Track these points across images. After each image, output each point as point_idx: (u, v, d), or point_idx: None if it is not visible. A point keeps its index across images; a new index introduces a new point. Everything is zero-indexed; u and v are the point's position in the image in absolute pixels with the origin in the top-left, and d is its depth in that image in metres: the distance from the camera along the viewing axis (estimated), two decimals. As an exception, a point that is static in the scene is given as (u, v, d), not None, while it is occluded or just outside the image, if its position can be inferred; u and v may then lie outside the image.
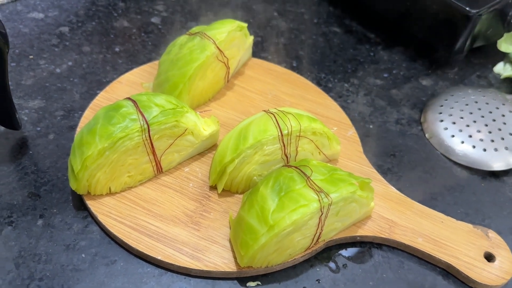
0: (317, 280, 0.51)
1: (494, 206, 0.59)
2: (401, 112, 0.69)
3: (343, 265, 0.52)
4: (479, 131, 0.64)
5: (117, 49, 0.72)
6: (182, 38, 0.62)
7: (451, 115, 0.66)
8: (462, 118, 0.65)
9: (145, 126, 0.51)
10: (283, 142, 0.53)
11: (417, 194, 0.59)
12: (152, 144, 0.52)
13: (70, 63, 0.69)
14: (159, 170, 0.55)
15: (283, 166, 0.53)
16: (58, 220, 0.52)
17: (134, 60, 0.71)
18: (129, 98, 0.53)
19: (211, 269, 0.49)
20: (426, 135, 0.66)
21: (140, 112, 0.51)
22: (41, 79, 0.66)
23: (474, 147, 0.63)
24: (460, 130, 0.64)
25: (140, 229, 0.51)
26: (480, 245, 0.53)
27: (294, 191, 0.47)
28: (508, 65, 0.75)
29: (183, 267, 0.49)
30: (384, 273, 0.52)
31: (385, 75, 0.74)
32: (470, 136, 0.63)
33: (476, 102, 0.67)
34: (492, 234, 0.54)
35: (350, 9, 0.83)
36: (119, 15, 0.77)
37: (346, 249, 0.53)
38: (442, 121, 0.66)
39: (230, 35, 0.62)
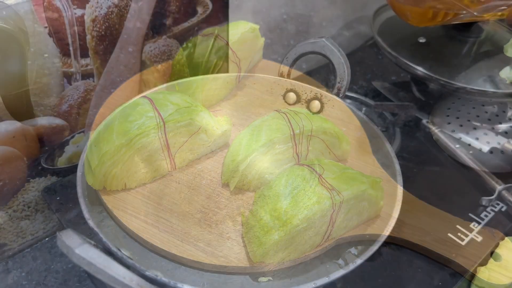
0: (327, 277, 0.51)
1: (501, 207, 0.60)
2: (409, 114, 0.70)
3: (353, 263, 0.53)
4: (485, 134, 0.65)
5: (130, 49, 0.73)
6: (196, 39, 0.64)
7: (458, 117, 0.67)
8: (469, 121, 0.66)
9: (161, 123, 0.52)
10: (294, 141, 0.54)
11: (425, 194, 0.60)
12: (167, 142, 0.53)
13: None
14: (173, 167, 0.56)
15: (294, 164, 0.54)
16: (74, 214, 0.53)
17: (146, 60, 0.72)
18: (145, 96, 0.54)
19: (224, 264, 0.50)
20: (434, 137, 0.67)
21: (156, 109, 0.52)
22: (56, 78, 0.67)
23: (480, 149, 0.64)
24: (467, 133, 0.65)
25: (154, 223, 0.52)
26: (487, 245, 0.54)
27: (307, 189, 0.48)
28: (514, 70, 0.76)
29: (196, 262, 0.50)
30: (393, 271, 0.53)
31: (393, 77, 0.75)
32: (477, 139, 0.65)
33: (483, 105, 0.68)
34: (498, 234, 0.55)
35: (358, 13, 0.85)
36: (131, 16, 0.78)
37: (355, 247, 0.54)
38: (449, 123, 0.67)
39: (243, 36, 0.63)
